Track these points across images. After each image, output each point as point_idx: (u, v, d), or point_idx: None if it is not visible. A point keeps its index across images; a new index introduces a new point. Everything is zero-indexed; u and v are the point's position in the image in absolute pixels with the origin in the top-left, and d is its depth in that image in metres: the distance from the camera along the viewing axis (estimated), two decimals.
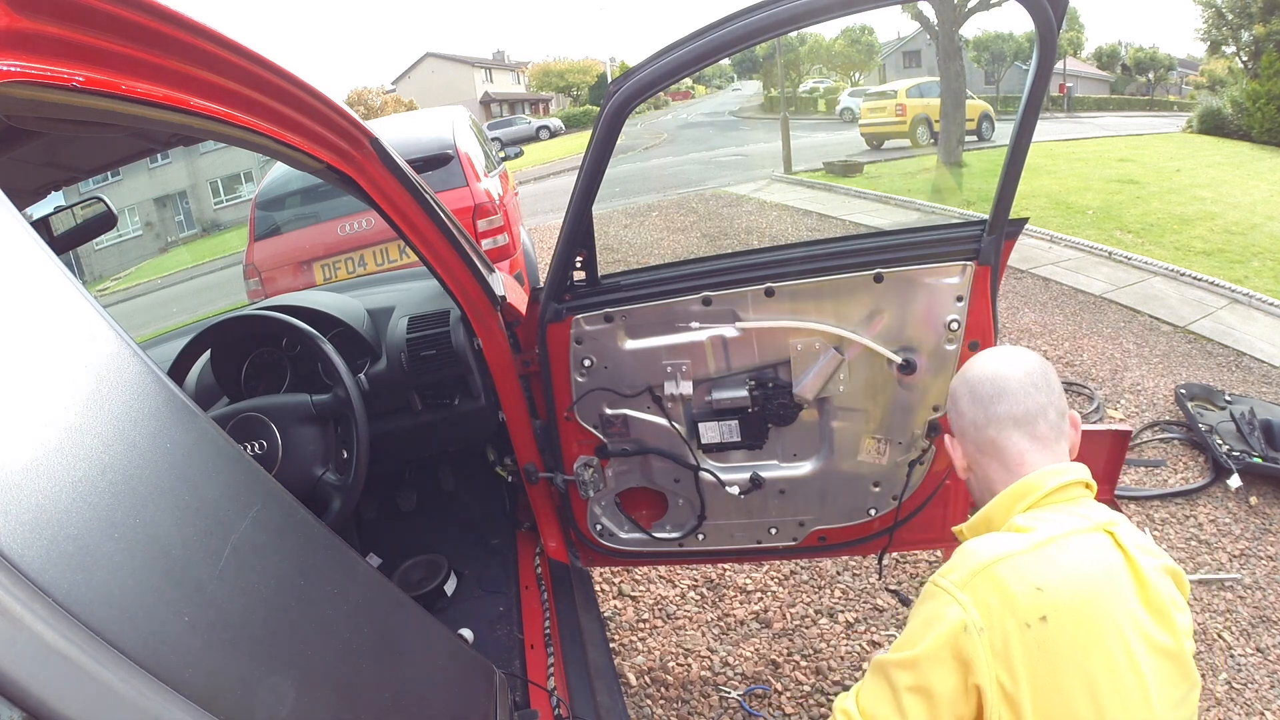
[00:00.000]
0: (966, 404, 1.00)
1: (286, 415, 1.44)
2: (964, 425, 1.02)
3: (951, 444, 1.05)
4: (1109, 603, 0.82)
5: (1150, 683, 0.80)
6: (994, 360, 1.02)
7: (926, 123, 14.74)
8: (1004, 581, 0.81)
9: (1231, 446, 2.85)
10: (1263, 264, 5.70)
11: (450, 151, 4.12)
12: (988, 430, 0.98)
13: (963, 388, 1.02)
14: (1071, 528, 0.87)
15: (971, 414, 1.00)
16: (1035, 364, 1.00)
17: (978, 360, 1.04)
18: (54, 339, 0.51)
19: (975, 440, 1.00)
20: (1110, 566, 0.85)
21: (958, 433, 1.03)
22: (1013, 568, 0.82)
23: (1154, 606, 0.84)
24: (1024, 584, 0.81)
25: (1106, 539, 0.87)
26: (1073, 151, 13.00)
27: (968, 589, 0.82)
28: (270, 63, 0.94)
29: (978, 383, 1.00)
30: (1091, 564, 0.84)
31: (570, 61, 51.87)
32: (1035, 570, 0.82)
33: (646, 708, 1.98)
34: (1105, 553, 0.86)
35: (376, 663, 0.75)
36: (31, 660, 0.37)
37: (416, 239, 1.42)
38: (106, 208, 1.68)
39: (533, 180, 15.37)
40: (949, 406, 1.04)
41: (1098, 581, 0.83)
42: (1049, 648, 0.78)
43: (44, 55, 0.61)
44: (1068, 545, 0.85)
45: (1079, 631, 0.79)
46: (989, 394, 0.98)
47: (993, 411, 0.98)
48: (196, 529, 0.55)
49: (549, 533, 1.90)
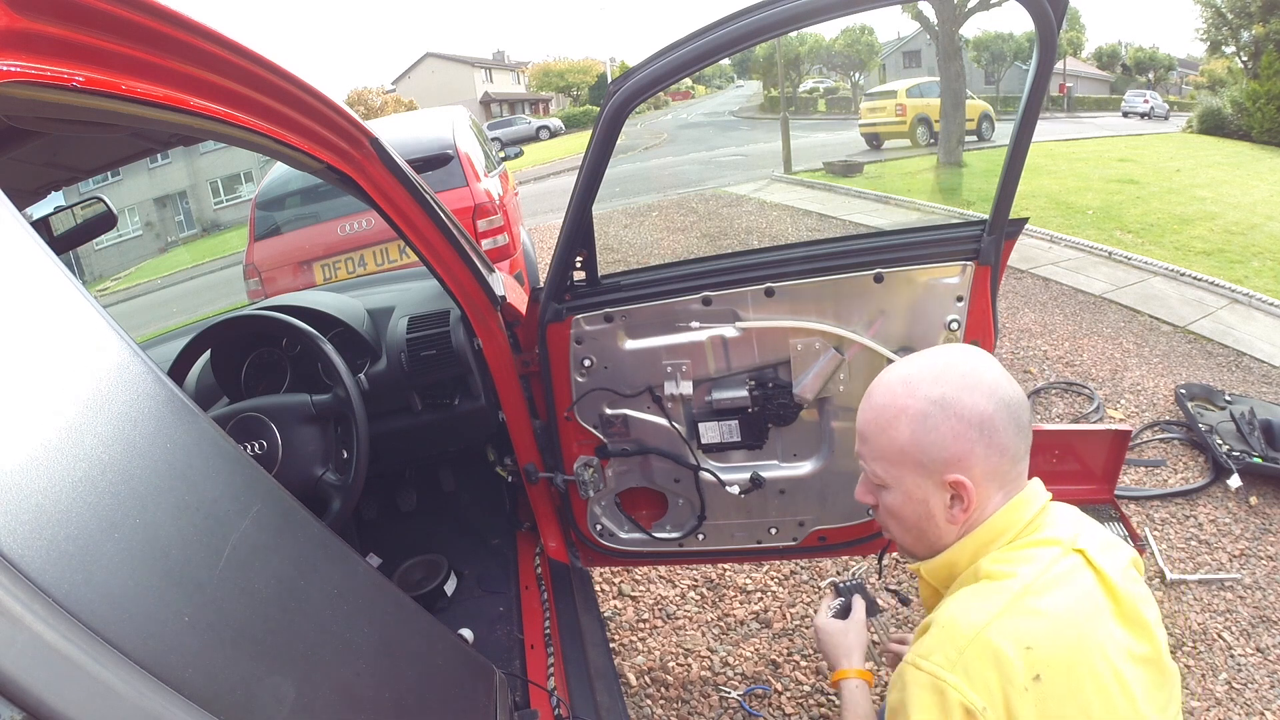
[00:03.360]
0: (1009, 433, 0.86)
1: (286, 415, 1.44)
2: (996, 460, 0.86)
3: (969, 482, 0.87)
4: (1093, 634, 0.80)
5: (1139, 698, 0.80)
6: (1012, 379, 0.88)
7: (926, 123, 14.75)
8: (996, 650, 0.77)
9: (1231, 446, 2.85)
10: (1263, 264, 5.70)
11: (450, 151, 4.12)
12: (1018, 462, 0.87)
13: (1003, 412, 0.85)
14: (1047, 562, 0.84)
15: (1013, 445, 0.86)
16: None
17: (1000, 377, 0.87)
18: (53, 339, 0.51)
19: (1001, 474, 0.87)
20: (1087, 594, 0.83)
21: (981, 471, 0.86)
22: (1001, 633, 0.78)
23: (1130, 619, 0.84)
24: (1015, 648, 0.77)
25: (1079, 561, 0.85)
26: (1073, 151, 13.01)
27: (958, 669, 0.77)
28: (270, 63, 0.94)
29: (1019, 408, 0.86)
30: (1071, 600, 0.81)
31: (570, 61, 51.91)
32: (1022, 629, 0.78)
33: (646, 708, 1.98)
34: (1081, 580, 0.84)
35: (376, 663, 0.75)
36: (31, 660, 0.37)
37: (416, 239, 1.42)
38: (106, 208, 1.68)
39: (533, 180, 15.37)
40: (965, 435, 0.86)
41: (1080, 618, 0.81)
42: (1047, 701, 0.76)
43: (44, 55, 0.61)
44: (1046, 587, 0.81)
45: (1071, 677, 0.77)
46: (1027, 420, 0.87)
47: (1027, 440, 0.87)
48: (196, 529, 0.55)
49: (549, 533, 1.90)
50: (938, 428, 0.86)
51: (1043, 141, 12.64)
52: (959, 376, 0.87)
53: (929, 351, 0.93)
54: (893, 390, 0.90)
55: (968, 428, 0.85)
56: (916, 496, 0.90)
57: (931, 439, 0.86)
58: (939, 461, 0.87)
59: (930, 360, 0.91)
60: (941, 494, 0.88)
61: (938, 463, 0.87)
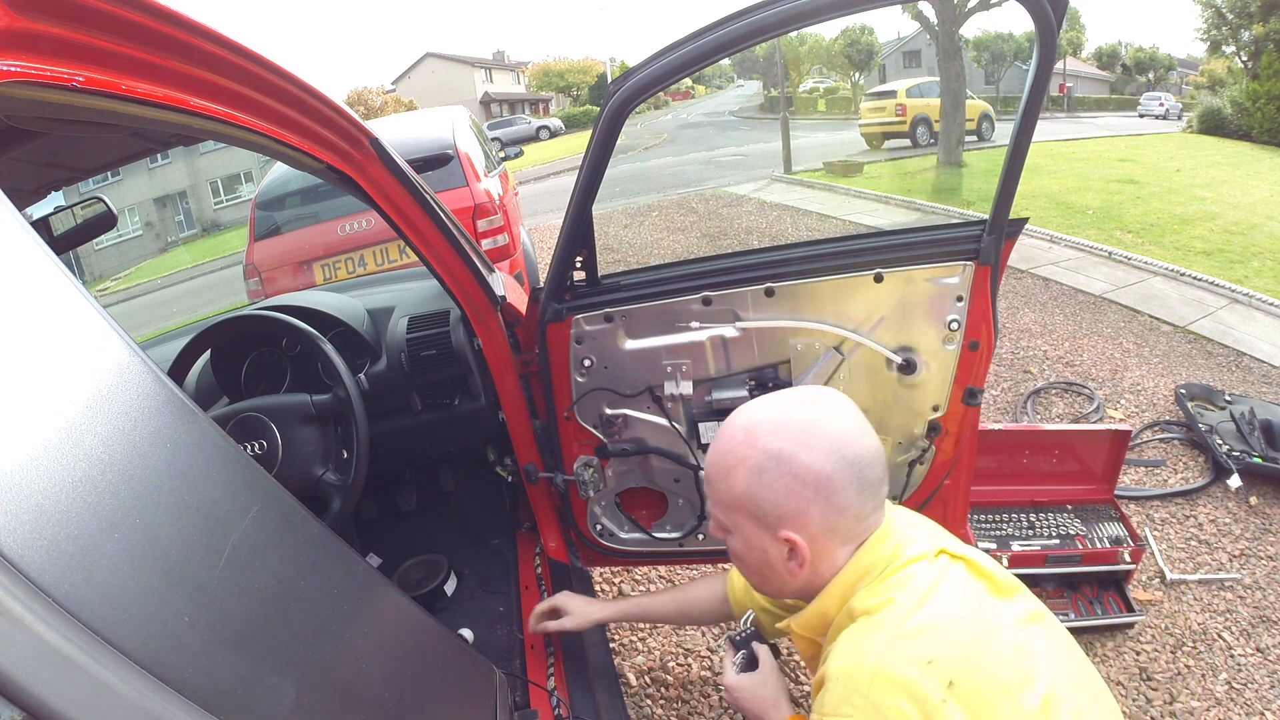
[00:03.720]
0: (851, 492, 0.84)
1: (286, 415, 1.44)
2: (835, 520, 0.85)
3: (800, 539, 0.85)
4: (983, 620, 0.81)
5: (1041, 655, 0.82)
6: (866, 431, 0.86)
7: (926, 123, 14.75)
8: (899, 679, 0.76)
9: (1231, 446, 2.85)
10: (1263, 264, 5.70)
11: (450, 151, 4.12)
12: (866, 519, 0.87)
13: (845, 471, 0.83)
14: (918, 576, 0.83)
15: (857, 504, 0.85)
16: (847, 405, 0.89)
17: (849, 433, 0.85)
18: (53, 339, 0.51)
19: (844, 531, 0.86)
20: (964, 585, 0.84)
21: (816, 529, 0.85)
22: (897, 661, 0.77)
23: (1005, 589, 0.87)
24: (917, 668, 0.76)
25: (945, 561, 0.86)
26: (1073, 151, 13.01)
27: (870, 713, 0.75)
28: (270, 63, 0.94)
29: (867, 465, 0.85)
30: (952, 599, 0.82)
31: (570, 61, 51.94)
32: (917, 648, 0.78)
33: (646, 708, 1.98)
34: (953, 575, 0.84)
35: (376, 663, 0.75)
36: (31, 660, 0.37)
37: (416, 239, 1.42)
38: (106, 208, 1.68)
39: (533, 180, 15.37)
40: (800, 493, 0.84)
41: (966, 612, 0.82)
42: (969, 701, 0.76)
43: (44, 55, 0.61)
44: (924, 599, 0.81)
45: (982, 668, 0.78)
46: (879, 476, 0.86)
47: (878, 497, 0.87)
48: (196, 529, 0.55)
49: (549, 533, 1.90)
50: (772, 483, 0.84)
51: (1043, 141, 12.64)
52: (799, 431, 0.84)
53: (782, 396, 0.91)
54: (734, 438, 0.88)
55: (802, 486, 0.84)
56: (755, 545, 0.89)
57: (765, 494, 0.85)
58: (773, 516, 0.86)
59: (777, 409, 0.88)
60: (778, 546, 0.87)
61: (772, 517, 0.86)
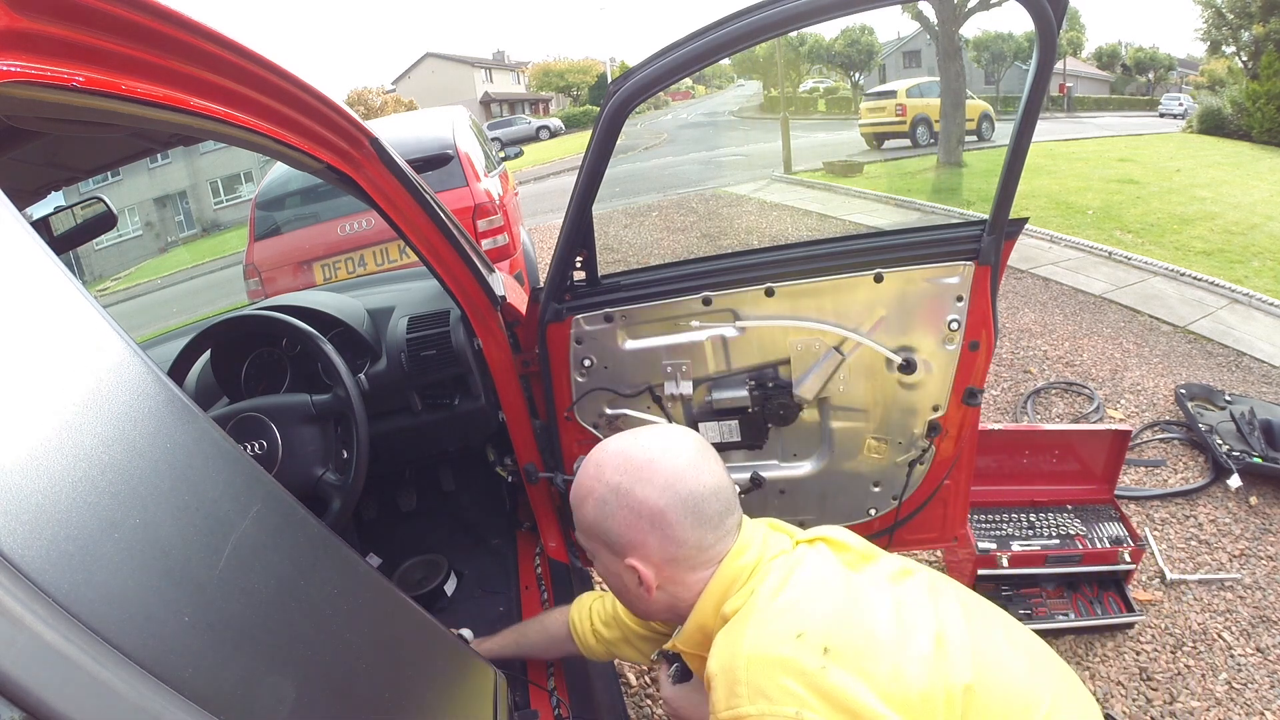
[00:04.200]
0: (687, 526, 0.88)
1: (286, 415, 1.44)
2: (674, 551, 0.89)
3: (642, 566, 0.90)
4: (845, 585, 0.84)
5: (922, 605, 0.84)
6: (704, 467, 0.90)
7: (926, 123, 14.75)
8: (774, 658, 0.77)
9: (1231, 446, 2.84)
10: (1263, 264, 5.70)
11: (450, 151, 4.12)
12: (711, 548, 0.90)
13: (678, 507, 0.88)
14: (776, 568, 0.87)
15: (695, 536, 0.89)
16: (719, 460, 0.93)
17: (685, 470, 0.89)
18: (53, 339, 0.51)
19: (687, 560, 0.90)
20: (821, 561, 0.88)
21: (658, 558, 0.90)
22: (767, 642, 0.79)
23: (864, 556, 0.92)
24: (788, 643, 0.78)
25: (804, 548, 0.91)
26: (1073, 151, 13.01)
27: (756, 698, 0.76)
28: (270, 63, 0.94)
29: (704, 500, 0.88)
30: (811, 574, 0.86)
31: (570, 61, 51.95)
32: (783, 626, 0.80)
33: (646, 708, 1.98)
34: (811, 555, 0.89)
35: (376, 663, 0.75)
36: (31, 660, 0.37)
37: (416, 239, 1.42)
38: (106, 208, 1.68)
39: (533, 180, 15.37)
40: (637, 525, 0.89)
41: (827, 582, 0.85)
42: (850, 659, 0.77)
43: (44, 55, 0.61)
44: (783, 583, 0.85)
45: (854, 626, 0.80)
46: (718, 510, 0.90)
47: (722, 529, 0.90)
48: (196, 529, 0.55)
49: (549, 533, 1.90)
50: (613, 515, 0.90)
51: (1043, 141, 12.64)
52: (635, 468, 0.89)
53: (631, 434, 0.95)
54: (587, 470, 0.94)
55: (638, 519, 0.89)
56: (610, 570, 0.95)
57: (609, 525, 0.90)
58: (618, 545, 0.91)
59: (622, 445, 0.93)
60: (628, 573, 0.92)
61: (617, 545, 0.91)
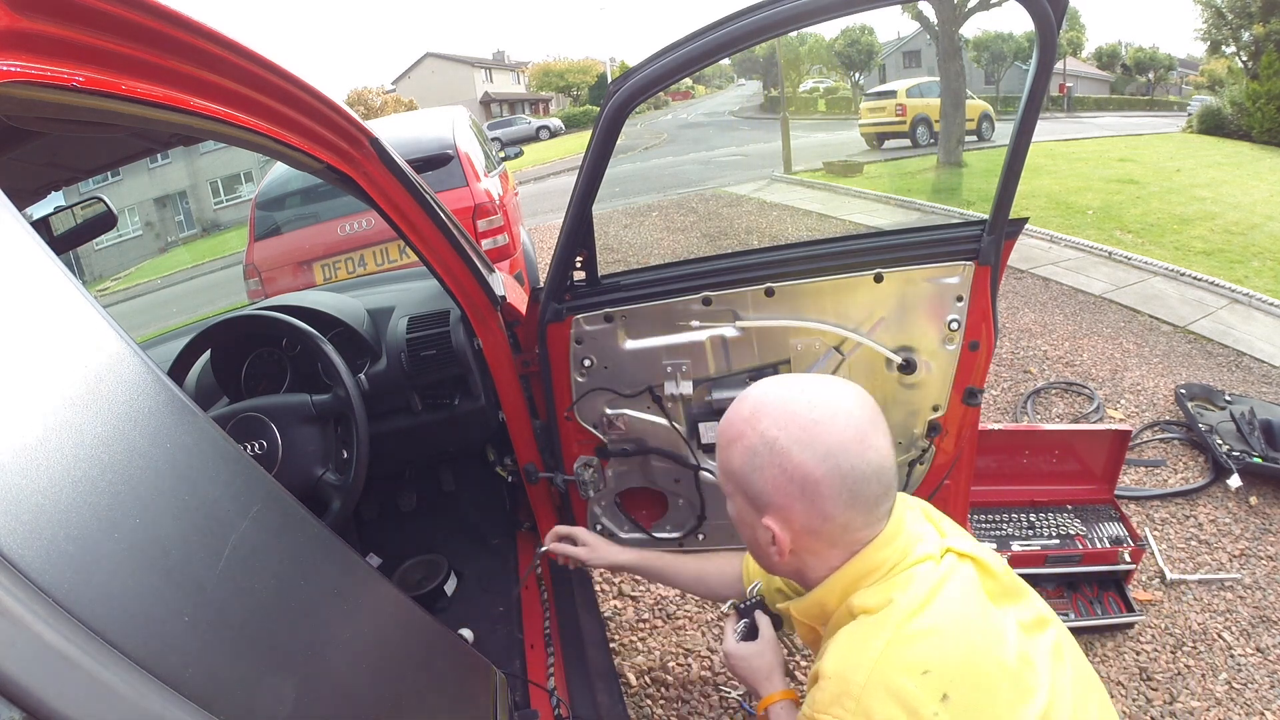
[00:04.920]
0: (839, 504, 0.81)
1: (286, 415, 1.44)
2: (818, 524, 0.83)
3: (779, 528, 0.84)
4: (984, 627, 0.79)
5: (1041, 665, 0.80)
6: (871, 443, 0.82)
7: (926, 123, 14.75)
8: (894, 687, 0.74)
9: (1231, 446, 2.85)
10: (1263, 264, 5.70)
11: (450, 151, 4.12)
12: (858, 531, 0.84)
13: (835, 481, 0.80)
14: (921, 577, 0.81)
15: (844, 516, 0.82)
16: (888, 433, 0.85)
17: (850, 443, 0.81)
18: (53, 339, 0.51)
19: (829, 536, 0.84)
20: (967, 586, 0.82)
21: (799, 525, 0.84)
22: (893, 667, 0.75)
23: (1010, 591, 0.84)
24: (912, 677, 0.74)
25: (951, 560, 0.83)
26: (1073, 151, 13.00)
27: (861, 715, 0.74)
28: (270, 63, 0.94)
29: (864, 481, 0.81)
30: (954, 602, 0.80)
31: (570, 61, 51.96)
32: (914, 655, 0.76)
33: (646, 708, 1.98)
34: (959, 575, 0.82)
35: (376, 663, 0.75)
36: (31, 660, 0.37)
37: (416, 239, 1.42)
38: (106, 208, 1.68)
39: (533, 180, 15.37)
40: (786, 488, 0.82)
41: (968, 618, 0.79)
42: (962, 714, 0.73)
43: (44, 55, 0.61)
44: (926, 602, 0.79)
45: (979, 680, 0.76)
46: (876, 493, 0.82)
47: (874, 513, 0.83)
48: (196, 529, 0.55)
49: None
50: (761, 469, 0.83)
51: (1043, 141, 12.63)
52: (798, 426, 0.82)
53: (798, 383, 0.87)
54: (740, 413, 0.87)
55: (789, 482, 0.82)
56: (744, 519, 0.89)
57: (753, 478, 0.84)
58: (759, 500, 0.85)
59: (789, 394, 0.85)
60: (762, 529, 0.86)
61: (758, 500, 0.85)
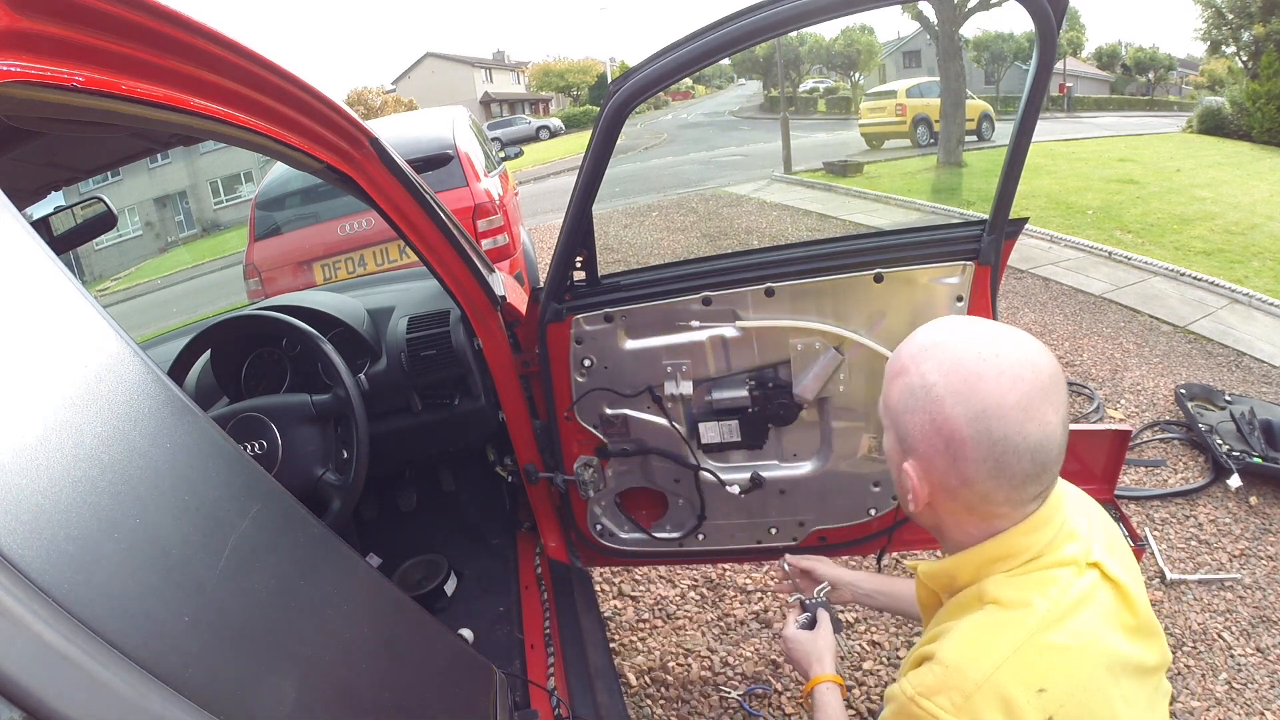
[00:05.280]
0: (982, 471, 0.75)
1: (286, 415, 1.44)
2: (955, 485, 0.77)
3: (917, 477, 0.79)
4: (1107, 661, 0.75)
5: (1140, 714, 0.77)
6: (1035, 416, 0.74)
7: (926, 123, 14.75)
8: (1006, 697, 0.71)
9: (1231, 446, 2.85)
10: (1263, 264, 5.70)
11: (450, 151, 4.12)
12: (999, 507, 0.77)
13: (982, 446, 0.74)
14: (1063, 584, 0.76)
15: (985, 486, 0.75)
16: (1065, 405, 0.77)
17: (1010, 409, 0.73)
18: (53, 339, 0.51)
19: (966, 501, 0.78)
20: (1105, 614, 0.77)
21: (936, 480, 0.78)
22: (1012, 677, 0.71)
23: (1145, 631, 0.80)
24: (1027, 692, 0.71)
25: (1095, 578, 0.78)
26: (1073, 151, 13.00)
27: (965, 714, 0.71)
28: (270, 63, 0.94)
29: (1015, 454, 0.74)
30: (1089, 625, 0.75)
31: (570, 61, 51.97)
32: (1036, 670, 0.72)
33: (646, 708, 1.98)
34: (1099, 599, 0.77)
35: (376, 663, 0.75)
36: (31, 660, 0.37)
37: (416, 239, 1.42)
38: (106, 208, 1.68)
39: (533, 180, 15.37)
40: (932, 439, 0.76)
41: (1096, 647, 0.75)
42: None
43: (44, 55, 0.61)
44: (1063, 616, 0.75)
45: (1084, 714, 0.72)
46: (1027, 472, 0.75)
47: (1021, 493, 0.76)
48: (196, 529, 0.55)
49: (549, 533, 1.90)
50: (913, 412, 0.77)
51: (1043, 141, 12.63)
52: (959, 376, 0.74)
53: (978, 329, 0.79)
54: (910, 347, 0.81)
55: (935, 433, 0.76)
56: (892, 459, 0.84)
57: (904, 419, 0.79)
58: (905, 442, 0.80)
59: (961, 337, 0.78)
60: (904, 475, 0.81)
61: (905, 442, 0.80)
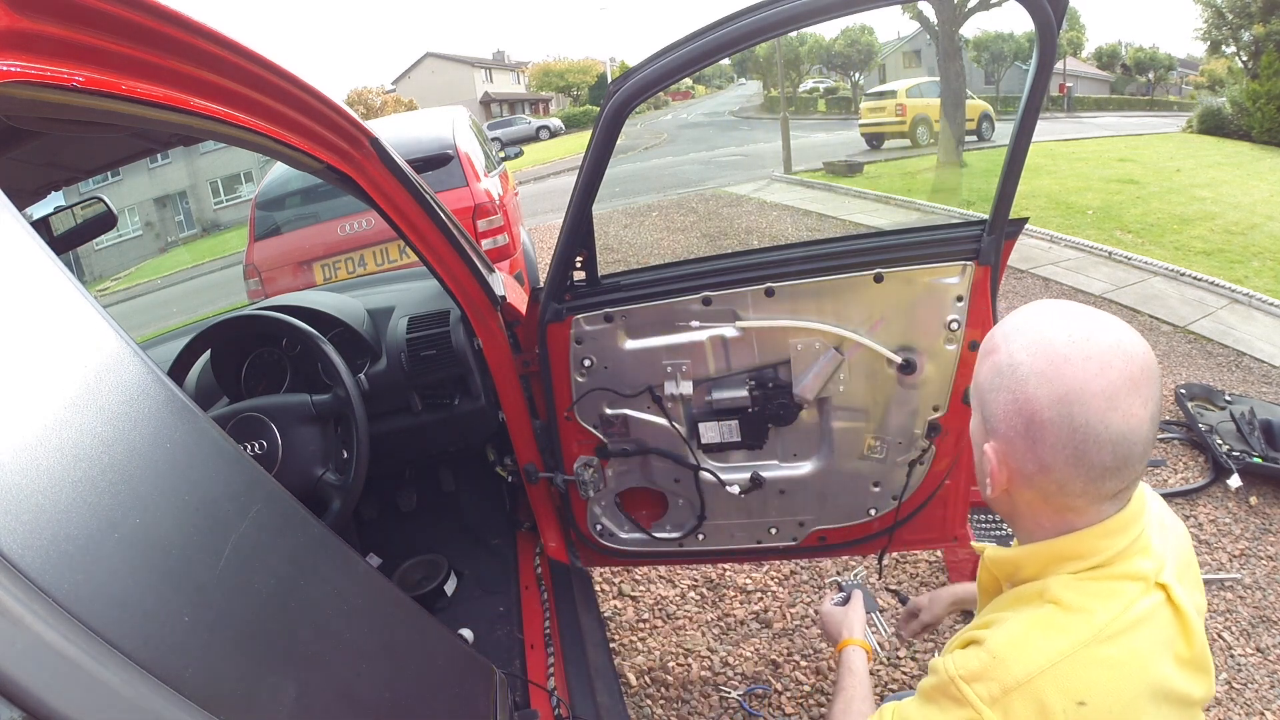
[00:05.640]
0: (1060, 458, 0.71)
1: (286, 415, 1.44)
2: (1032, 471, 0.73)
3: (995, 460, 0.76)
4: (1152, 688, 0.72)
5: None
6: (1120, 406, 0.68)
7: (926, 123, 14.75)
8: (1044, 703, 0.69)
9: (1231, 446, 2.85)
10: (1263, 264, 5.70)
11: (450, 151, 4.12)
12: (1075, 499, 0.74)
13: (1062, 431, 0.70)
14: (1127, 600, 0.73)
15: (1062, 474, 0.72)
16: (1156, 400, 0.71)
17: (1094, 397, 0.68)
18: (53, 339, 0.51)
19: (1042, 489, 0.74)
20: (1161, 640, 0.74)
21: (1014, 465, 0.75)
22: (1056, 683, 0.69)
23: (1197, 665, 0.76)
24: (1067, 703, 0.69)
25: (1159, 600, 0.74)
26: (1073, 151, 13.00)
27: (998, 709, 0.70)
28: (270, 63, 0.94)
29: (1095, 444, 0.69)
30: (1142, 647, 0.72)
31: (570, 61, 51.97)
32: (1081, 681, 0.69)
33: (646, 708, 1.98)
34: (1157, 622, 0.74)
35: (376, 663, 0.75)
36: (31, 660, 0.37)
37: (416, 239, 1.42)
38: (106, 208, 1.68)
39: (533, 180, 15.37)
40: (1013, 420, 0.73)
41: (1145, 672, 0.72)
42: None
43: (44, 55, 0.61)
44: (1120, 632, 0.72)
45: None
46: (1106, 465, 0.70)
47: (1099, 487, 0.72)
48: (196, 529, 0.55)
49: (549, 533, 1.90)
50: (998, 391, 0.74)
51: (1043, 141, 12.63)
52: (1045, 357, 0.71)
53: (1072, 310, 0.75)
54: (1003, 328, 0.77)
55: (1016, 415, 0.72)
56: (976, 439, 0.81)
57: (989, 398, 0.76)
58: (989, 421, 0.76)
59: (1053, 318, 0.74)
60: (983, 456, 0.77)
61: (989, 422, 0.76)
